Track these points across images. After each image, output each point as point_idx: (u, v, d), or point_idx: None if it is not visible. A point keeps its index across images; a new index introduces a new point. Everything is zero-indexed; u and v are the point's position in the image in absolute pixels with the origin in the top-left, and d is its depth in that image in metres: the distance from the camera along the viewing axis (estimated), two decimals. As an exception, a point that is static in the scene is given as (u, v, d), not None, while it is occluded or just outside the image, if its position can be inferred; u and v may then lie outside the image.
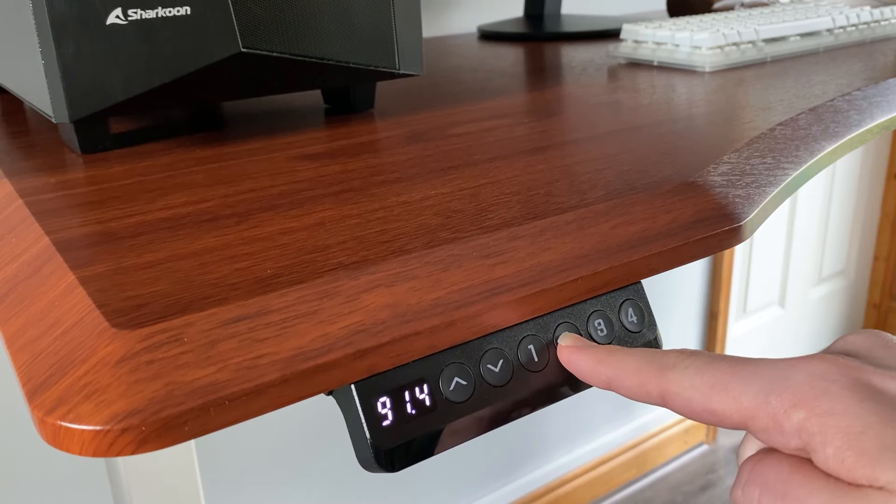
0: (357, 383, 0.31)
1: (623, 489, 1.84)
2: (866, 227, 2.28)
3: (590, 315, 0.36)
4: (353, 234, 0.36)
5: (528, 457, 1.69)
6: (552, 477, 1.74)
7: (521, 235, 0.36)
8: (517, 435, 1.64)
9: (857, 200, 2.23)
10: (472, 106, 0.59)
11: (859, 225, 2.26)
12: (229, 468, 1.22)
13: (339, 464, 1.35)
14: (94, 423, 0.26)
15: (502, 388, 0.33)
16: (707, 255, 0.39)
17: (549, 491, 1.73)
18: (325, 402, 1.28)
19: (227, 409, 0.28)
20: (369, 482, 1.40)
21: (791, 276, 2.12)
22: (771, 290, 2.10)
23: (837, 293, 2.29)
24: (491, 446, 1.60)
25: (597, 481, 1.81)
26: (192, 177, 0.45)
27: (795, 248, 2.10)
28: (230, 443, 1.20)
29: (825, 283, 2.25)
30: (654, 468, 1.90)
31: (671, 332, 1.86)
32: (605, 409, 1.79)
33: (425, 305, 0.32)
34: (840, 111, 0.53)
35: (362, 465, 0.31)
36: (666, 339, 1.85)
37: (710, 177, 0.42)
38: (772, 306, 2.12)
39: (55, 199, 0.42)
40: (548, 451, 1.73)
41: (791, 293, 2.14)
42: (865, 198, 2.24)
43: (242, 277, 0.32)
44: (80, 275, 0.33)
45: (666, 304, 1.82)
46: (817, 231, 2.15)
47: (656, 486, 1.85)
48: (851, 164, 2.16)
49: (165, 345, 0.28)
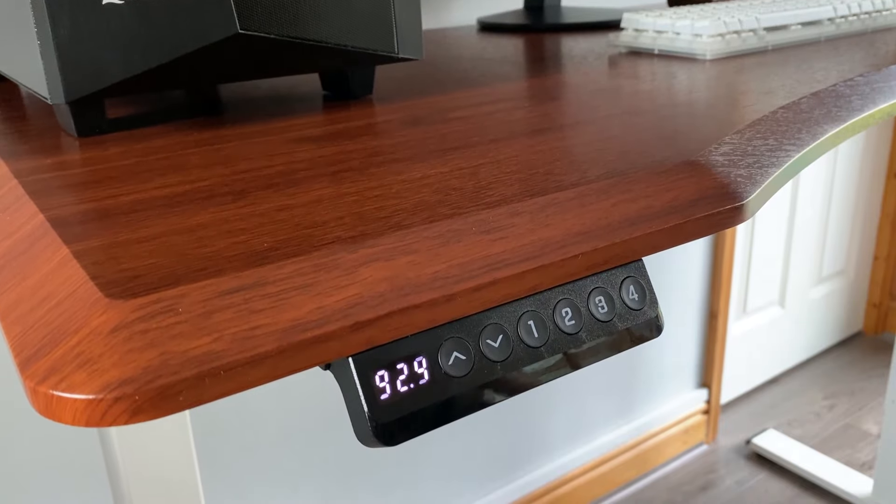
0: (355, 356, 0.30)
1: (623, 489, 1.83)
2: (866, 227, 2.28)
3: (590, 292, 0.35)
4: (351, 211, 0.36)
5: (528, 457, 1.68)
6: (552, 477, 1.73)
7: (521, 212, 0.35)
8: (517, 435, 1.63)
9: (857, 200, 2.22)
10: (472, 92, 0.59)
11: (859, 224, 2.26)
12: (229, 468, 1.21)
13: (339, 464, 1.34)
14: (87, 392, 0.26)
15: (502, 364, 0.33)
16: (709, 234, 0.38)
17: (549, 491, 1.73)
18: (325, 402, 1.27)
19: (223, 379, 0.27)
20: (369, 482, 1.40)
21: (791, 276, 2.12)
22: (771, 289, 2.09)
23: (837, 293, 2.28)
24: (491, 446, 1.59)
25: (596, 481, 1.80)
26: (188, 158, 0.44)
27: (795, 247, 2.10)
28: (230, 443, 1.20)
29: (825, 282, 2.25)
30: (653, 468, 1.90)
31: (671, 331, 1.85)
32: (604, 409, 1.78)
33: (424, 279, 0.32)
34: (842, 96, 0.53)
35: (360, 439, 0.31)
36: (666, 339, 1.85)
37: (711, 156, 0.41)
38: (772, 306, 2.12)
39: (50, 179, 0.41)
40: (548, 451, 1.72)
41: (791, 293, 2.14)
42: (865, 197, 2.24)
43: (238, 251, 0.32)
44: (73, 249, 0.32)
45: (666, 303, 1.81)
46: (817, 230, 2.15)
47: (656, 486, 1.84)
48: (851, 164, 2.16)
49: (160, 315, 0.28)
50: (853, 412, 2.05)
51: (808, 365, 2.27)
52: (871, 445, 1.92)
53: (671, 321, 1.85)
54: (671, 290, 1.82)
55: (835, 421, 2.02)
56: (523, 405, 1.62)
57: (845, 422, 2.01)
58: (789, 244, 2.08)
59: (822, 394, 2.13)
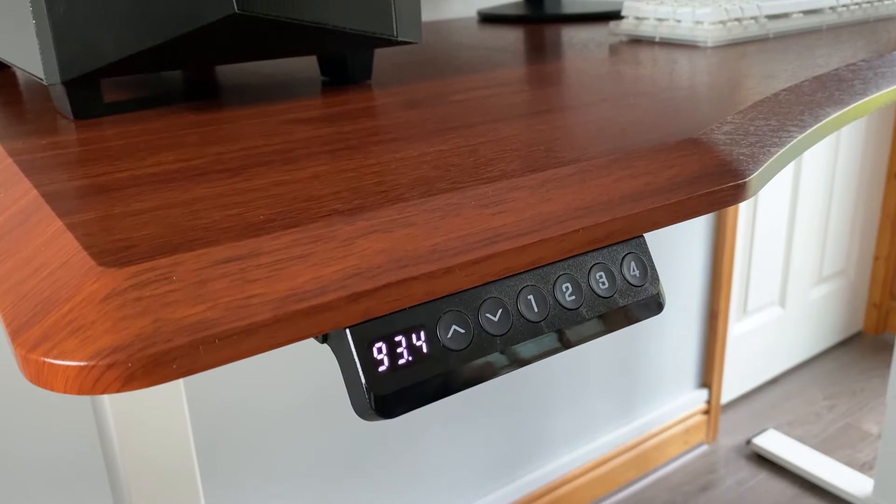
0: (352, 328, 0.30)
1: (623, 489, 1.83)
2: (866, 227, 2.28)
3: (591, 267, 0.35)
4: (349, 186, 0.35)
5: (529, 457, 1.68)
6: (552, 477, 1.73)
7: (521, 186, 0.35)
8: (517, 435, 1.63)
9: (858, 200, 2.22)
10: (472, 77, 0.58)
11: (859, 224, 2.25)
12: (228, 468, 1.21)
13: (339, 464, 1.34)
14: (78, 358, 0.25)
15: (501, 338, 0.32)
16: (711, 211, 0.38)
17: (550, 491, 1.72)
18: (325, 401, 1.27)
19: (217, 347, 0.27)
20: (369, 482, 1.39)
21: (791, 276, 2.12)
22: (771, 289, 2.09)
23: (838, 293, 2.28)
24: (491, 446, 1.59)
25: (597, 481, 1.80)
26: (184, 138, 0.44)
27: (796, 247, 2.09)
28: (229, 442, 1.19)
29: (825, 282, 2.24)
30: (654, 468, 1.89)
31: (671, 331, 1.85)
32: (605, 409, 1.78)
33: (422, 251, 0.31)
34: (844, 80, 0.53)
35: (358, 412, 0.30)
36: (666, 339, 1.84)
37: (713, 135, 0.41)
38: (772, 306, 2.11)
39: (45, 158, 0.41)
40: (548, 452, 1.71)
41: (791, 293, 2.13)
42: (865, 197, 2.24)
43: (234, 223, 0.31)
44: (67, 221, 0.32)
45: (666, 303, 1.81)
46: (818, 231, 2.15)
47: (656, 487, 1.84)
48: (852, 164, 2.15)
49: (154, 283, 0.27)
50: (853, 412, 2.04)
51: (809, 365, 2.26)
52: (871, 445, 1.91)
53: (671, 321, 1.84)
54: (671, 290, 1.81)
55: (835, 421, 2.01)
56: (523, 405, 1.62)
57: (846, 422, 2.01)
58: (790, 244, 2.08)
59: (822, 394, 2.13)
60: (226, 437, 1.19)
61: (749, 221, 1.95)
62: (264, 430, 1.23)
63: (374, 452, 1.39)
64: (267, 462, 1.25)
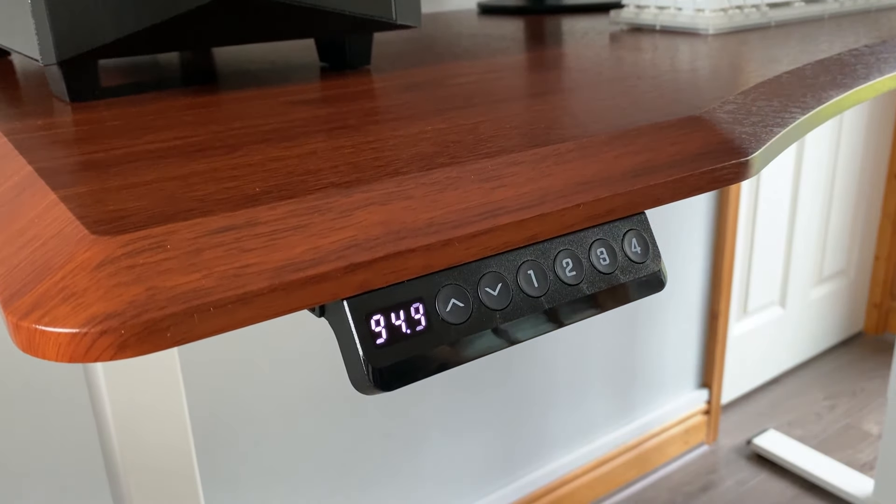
0: (349, 299, 0.29)
1: (624, 489, 1.82)
2: (867, 227, 2.27)
3: (592, 243, 0.34)
4: (347, 160, 0.35)
5: (529, 457, 1.67)
6: (553, 477, 1.72)
7: (521, 161, 0.35)
8: (517, 435, 1.62)
9: (858, 200, 2.22)
10: (472, 63, 0.58)
11: (860, 224, 2.25)
12: (228, 468, 1.20)
13: (338, 464, 1.33)
14: (70, 325, 0.25)
15: (501, 312, 0.32)
16: (713, 189, 0.37)
17: (550, 491, 1.71)
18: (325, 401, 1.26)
19: (212, 316, 0.26)
20: (368, 482, 1.38)
21: (792, 276, 2.11)
22: (772, 289, 2.08)
23: (838, 293, 2.28)
24: (491, 446, 1.58)
25: (597, 481, 1.79)
26: (181, 118, 0.44)
27: (796, 247, 2.09)
28: (229, 442, 1.19)
29: (826, 282, 2.24)
30: (654, 468, 1.88)
31: (671, 331, 1.84)
32: (605, 409, 1.77)
33: (421, 224, 0.31)
34: (847, 64, 0.52)
35: (356, 386, 0.30)
36: (666, 340, 1.83)
37: (715, 113, 0.40)
38: (772, 306, 2.11)
39: (40, 137, 0.41)
40: (548, 452, 1.71)
41: (792, 293, 2.13)
42: (866, 197, 2.23)
43: (229, 195, 0.31)
44: (61, 194, 0.31)
45: (666, 303, 1.80)
46: (818, 231, 2.14)
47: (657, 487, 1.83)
48: (852, 164, 2.15)
49: (147, 251, 0.27)
50: (854, 412, 2.04)
51: (809, 365, 2.25)
52: (871, 446, 1.91)
53: (672, 321, 1.84)
54: (672, 290, 1.81)
55: (835, 421, 2.01)
56: (524, 405, 1.61)
57: (846, 422, 2.00)
58: (790, 244, 2.08)
59: (822, 394, 2.12)
60: (226, 437, 1.19)
61: (749, 221, 1.94)
62: (264, 430, 1.23)
63: (373, 453, 1.38)
64: (267, 462, 1.25)
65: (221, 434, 1.18)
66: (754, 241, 1.97)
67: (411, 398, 1.40)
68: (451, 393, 1.47)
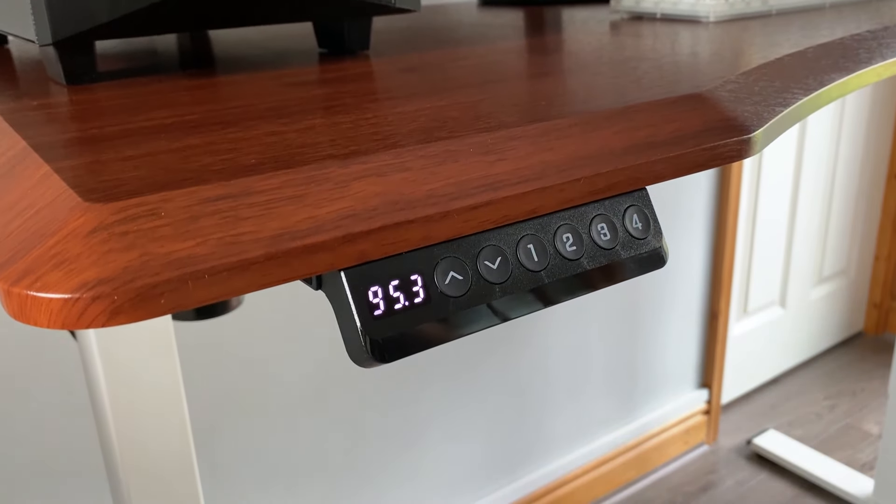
0: (347, 270, 0.29)
1: (623, 489, 1.81)
2: (867, 227, 2.27)
3: (592, 218, 0.34)
4: (344, 135, 0.34)
5: (529, 457, 1.67)
6: (552, 477, 1.72)
7: (521, 136, 0.34)
8: (517, 435, 1.62)
9: (858, 200, 2.21)
10: (472, 48, 0.58)
11: (860, 224, 2.25)
12: (228, 468, 1.20)
13: (339, 464, 1.33)
14: (62, 290, 0.25)
15: (500, 286, 0.31)
16: (714, 166, 0.37)
17: (550, 491, 1.71)
18: (325, 400, 1.25)
19: (207, 283, 0.26)
20: (369, 482, 1.38)
21: (792, 276, 2.11)
22: (772, 289, 2.08)
23: (838, 293, 2.27)
24: (491, 446, 1.57)
25: (597, 482, 1.78)
26: (178, 98, 0.43)
27: (796, 247, 2.09)
28: (229, 442, 1.18)
29: (826, 282, 2.23)
30: (654, 469, 1.88)
31: (671, 331, 1.84)
32: (605, 409, 1.77)
33: (419, 195, 0.30)
34: (849, 48, 0.52)
35: (353, 358, 0.29)
36: (666, 339, 1.83)
37: (717, 92, 0.40)
38: (772, 306, 2.10)
39: (35, 115, 0.40)
40: (548, 452, 1.70)
41: (792, 293, 2.12)
42: (866, 197, 2.23)
43: (225, 165, 0.30)
44: (55, 166, 0.31)
45: (666, 303, 1.80)
46: (818, 231, 2.14)
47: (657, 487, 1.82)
48: (852, 165, 2.15)
49: (141, 218, 0.27)
50: (854, 412, 2.03)
51: (809, 365, 2.25)
52: (872, 446, 1.90)
53: (671, 321, 1.83)
54: (672, 290, 1.80)
55: (836, 421, 2.00)
56: (524, 405, 1.61)
57: (846, 422, 2.00)
58: (790, 244, 2.07)
59: (822, 394, 2.12)
60: (226, 437, 1.18)
61: (749, 221, 1.94)
62: (264, 430, 1.22)
63: (373, 452, 1.38)
64: (266, 462, 1.24)
65: (221, 433, 1.18)
66: (754, 240, 1.97)
67: (411, 398, 1.40)
68: (450, 393, 1.46)
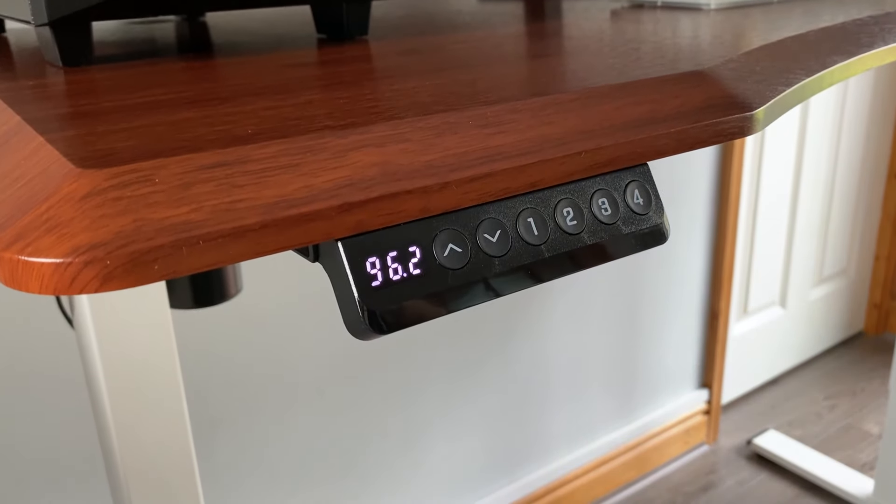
0: (344, 240, 0.28)
1: (623, 490, 1.81)
2: (867, 227, 2.26)
3: (593, 193, 0.33)
4: (342, 108, 0.34)
5: (529, 457, 1.66)
6: (552, 477, 1.71)
7: (522, 109, 0.34)
8: (517, 435, 1.61)
9: (858, 200, 2.21)
10: (471, 33, 0.57)
11: (860, 224, 2.24)
12: (228, 468, 1.19)
13: (338, 464, 1.32)
14: (54, 255, 0.24)
15: (500, 259, 0.31)
16: (716, 143, 0.37)
17: (550, 491, 1.70)
18: (325, 401, 1.25)
19: (202, 250, 0.25)
20: (369, 482, 1.37)
21: (792, 276, 2.10)
22: (772, 289, 2.07)
23: (838, 293, 2.27)
24: (491, 447, 1.57)
25: (597, 482, 1.78)
26: (174, 77, 0.43)
27: (796, 247, 2.08)
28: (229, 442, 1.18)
29: (826, 282, 2.23)
30: (654, 469, 1.87)
31: (671, 331, 1.83)
32: (605, 409, 1.76)
33: (417, 166, 0.30)
34: (850, 33, 0.52)
35: (351, 330, 0.29)
36: (666, 339, 1.83)
37: (719, 70, 0.40)
38: (773, 306, 2.10)
39: (31, 93, 0.40)
40: (548, 452, 1.70)
41: (792, 293, 2.12)
42: (866, 197, 2.23)
43: (220, 136, 0.30)
44: (48, 137, 0.31)
45: (666, 303, 1.80)
46: (818, 231, 2.13)
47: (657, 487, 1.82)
48: (852, 164, 2.14)
49: (135, 184, 0.26)
50: (854, 412, 2.03)
51: (809, 365, 2.24)
52: (872, 446, 1.90)
53: (671, 321, 1.83)
54: (672, 290, 1.80)
55: (836, 421, 2.00)
56: (524, 405, 1.60)
57: (846, 422, 1.99)
58: (790, 244, 2.07)
59: (823, 394, 2.11)
60: (225, 437, 1.18)
61: (750, 221, 1.94)
62: (264, 429, 1.22)
63: (373, 452, 1.37)
64: (266, 462, 1.24)
65: (222, 433, 1.17)
66: (754, 240, 1.97)
67: (412, 398, 1.39)
68: (451, 393, 1.46)
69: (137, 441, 0.75)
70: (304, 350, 1.22)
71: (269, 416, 1.22)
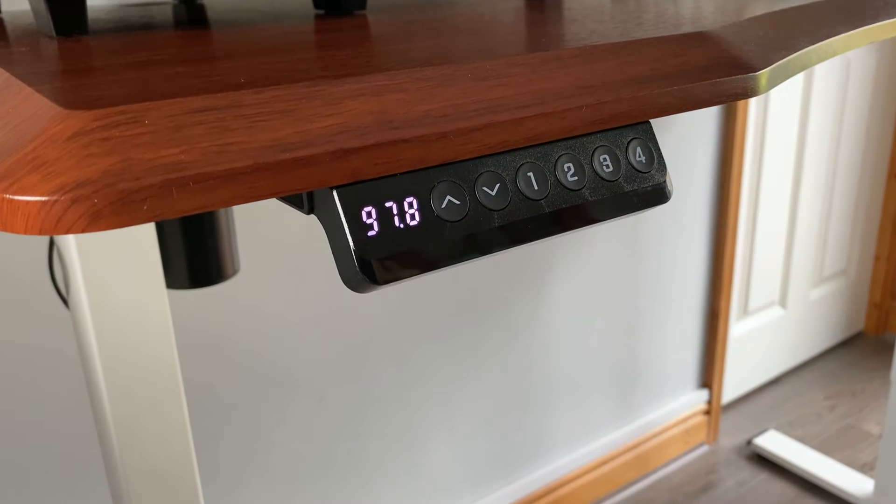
0: (339, 188, 0.28)
1: (624, 490, 1.80)
2: (867, 227, 2.26)
3: (595, 150, 0.33)
4: (338, 63, 0.33)
5: (529, 457, 1.65)
6: (553, 477, 1.70)
7: (522, 64, 0.33)
8: (517, 435, 1.60)
9: (858, 200, 2.21)
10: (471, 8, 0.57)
11: (860, 224, 2.24)
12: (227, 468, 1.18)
13: (338, 464, 1.31)
14: (40, 193, 0.23)
15: (499, 213, 0.30)
16: (719, 103, 0.36)
17: (550, 491, 1.70)
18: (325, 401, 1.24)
19: (193, 191, 0.25)
20: (369, 482, 1.37)
21: (792, 276, 2.10)
22: (772, 289, 2.07)
23: (838, 293, 2.26)
24: (491, 446, 1.56)
25: (597, 482, 1.77)
26: (169, 42, 0.42)
27: (796, 247, 2.08)
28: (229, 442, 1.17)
29: (826, 282, 2.22)
30: (654, 469, 1.86)
31: (671, 331, 1.83)
32: (605, 409, 1.76)
33: (415, 115, 0.29)
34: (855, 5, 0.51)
35: (346, 282, 0.28)
36: (666, 339, 1.82)
37: (722, 32, 0.39)
38: (773, 306, 2.09)
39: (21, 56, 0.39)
40: (548, 452, 1.69)
41: (792, 293, 2.11)
42: (866, 197, 2.22)
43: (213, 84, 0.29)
44: (37, 88, 0.30)
45: (666, 303, 1.79)
46: (818, 230, 2.13)
47: (657, 487, 1.81)
48: (852, 165, 2.14)
49: (124, 125, 0.25)
50: (854, 413, 2.02)
51: (810, 365, 2.24)
52: (872, 446, 1.89)
53: (671, 321, 1.82)
54: (672, 290, 1.79)
55: (836, 421, 1.99)
56: (524, 405, 1.59)
57: (846, 422, 1.98)
58: (790, 244, 2.06)
59: (823, 394, 2.10)
60: (226, 437, 1.17)
61: (750, 221, 1.93)
62: (264, 429, 1.21)
63: (373, 452, 1.36)
64: (267, 462, 1.23)
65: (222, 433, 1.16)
66: (755, 240, 1.96)
67: (412, 398, 1.39)
68: (451, 393, 1.45)
69: (138, 443, 0.75)
70: (305, 350, 1.22)
71: (269, 416, 1.21)
